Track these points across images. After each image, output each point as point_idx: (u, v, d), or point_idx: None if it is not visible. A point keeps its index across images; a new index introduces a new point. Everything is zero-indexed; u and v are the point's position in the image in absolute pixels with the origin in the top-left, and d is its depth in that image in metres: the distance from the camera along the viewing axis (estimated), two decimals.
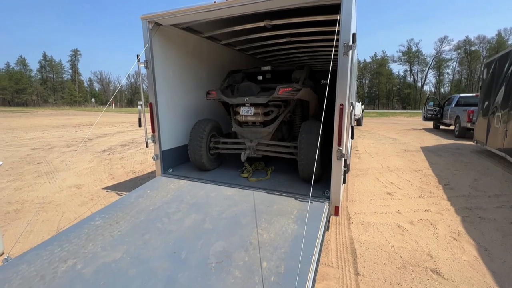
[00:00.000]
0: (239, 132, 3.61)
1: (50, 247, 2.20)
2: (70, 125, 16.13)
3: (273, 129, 3.42)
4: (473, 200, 3.98)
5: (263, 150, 3.51)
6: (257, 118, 3.39)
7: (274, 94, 3.15)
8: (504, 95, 6.03)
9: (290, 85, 3.16)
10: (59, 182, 4.95)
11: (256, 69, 4.25)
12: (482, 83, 7.63)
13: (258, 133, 3.48)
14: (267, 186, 3.12)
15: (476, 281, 2.22)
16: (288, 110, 3.57)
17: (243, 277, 1.81)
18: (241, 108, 3.44)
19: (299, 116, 3.90)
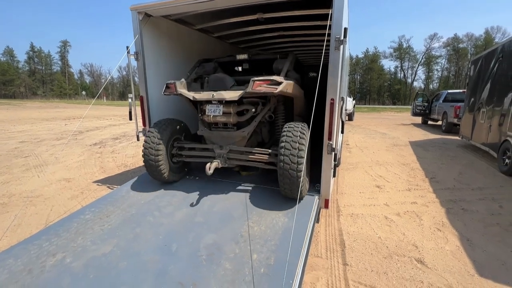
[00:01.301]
0: (207, 136, 2.96)
1: (38, 241, 2.17)
2: (60, 118, 15.73)
3: (249, 133, 2.80)
4: (458, 193, 4.12)
5: (237, 159, 2.81)
6: (228, 118, 2.73)
7: (247, 89, 2.51)
8: (489, 92, 6.20)
9: (268, 77, 2.50)
10: (48, 175, 4.86)
11: (231, 57, 3.54)
12: (469, 80, 7.81)
13: (230, 138, 2.83)
14: (258, 180, 3.15)
15: (458, 269, 2.32)
16: (268, 108, 2.96)
17: (234, 269, 1.84)
18: (208, 106, 2.77)
19: (282, 116, 3.25)
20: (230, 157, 2.79)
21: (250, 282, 1.72)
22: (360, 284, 2.12)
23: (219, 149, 2.81)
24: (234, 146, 2.80)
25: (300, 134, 2.41)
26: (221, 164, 2.74)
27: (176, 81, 2.86)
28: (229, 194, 2.82)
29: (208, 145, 2.94)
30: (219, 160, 2.72)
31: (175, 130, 3.06)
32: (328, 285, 2.11)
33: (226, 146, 2.80)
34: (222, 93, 2.63)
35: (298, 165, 2.31)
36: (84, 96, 56.76)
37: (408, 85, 58.44)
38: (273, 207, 2.53)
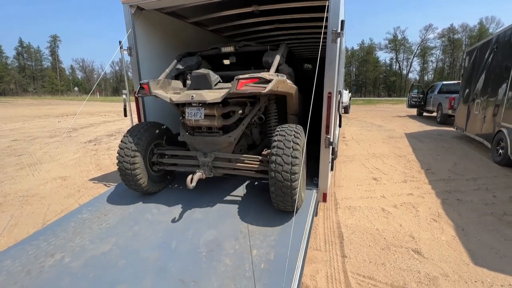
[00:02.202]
0: (189, 143, 2.62)
1: (36, 241, 2.15)
2: (53, 115, 15.48)
3: (236, 137, 2.47)
4: (452, 184, 4.18)
5: (223, 168, 2.52)
6: (211, 122, 2.39)
7: (231, 90, 2.18)
8: (484, 83, 6.25)
9: (254, 75, 2.17)
10: (43, 174, 4.80)
11: (215, 50, 3.12)
12: (464, 71, 7.85)
13: (215, 144, 2.51)
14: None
15: (454, 258, 2.37)
16: (258, 109, 2.67)
17: (234, 264, 1.85)
18: (188, 109, 2.42)
19: (274, 116, 2.96)
20: (215, 166, 2.49)
21: (250, 278, 1.73)
22: (359, 276, 2.16)
23: (203, 156, 2.49)
24: (220, 153, 2.48)
25: (294, 139, 2.13)
26: (206, 175, 2.40)
27: (151, 81, 2.53)
28: (227, 190, 2.81)
29: (190, 152, 2.62)
30: (202, 171, 2.39)
31: (155, 135, 2.72)
32: (327, 277, 2.14)
33: (211, 154, 2.48)
34: (202, 94, 2.24)
35: (292, 175, 2.02)
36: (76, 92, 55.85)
37: (403, 77, 58.61)
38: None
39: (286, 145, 2.09)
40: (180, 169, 2.70)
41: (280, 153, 2.07)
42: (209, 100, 2.22)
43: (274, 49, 2.88)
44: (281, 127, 2.28)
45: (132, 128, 2.65)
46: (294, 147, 2.08)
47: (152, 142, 2.70)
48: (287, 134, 2.16)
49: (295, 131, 2.21)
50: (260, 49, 2.97)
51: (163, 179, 2.89)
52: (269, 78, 2.18)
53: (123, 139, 2.55)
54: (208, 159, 2.47)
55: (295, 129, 2.24)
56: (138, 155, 2.52)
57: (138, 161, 2.51)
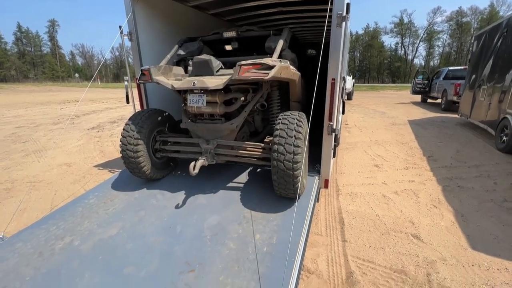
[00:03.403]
0: (192, 130, 2.61)
1: (45, 225, 2.22)
2: (55, 102, 15.48)
3: (238, 125, 2.46)
4: (454, 171, 4.20)
5: (226, 155, 2.53)
6: (214, 109, 2.38)
7: (233, 76, 2.14)
8: (491, 68, 6.11)
9: (257, 61, 2.13)
10: (48, 160, 4.87)
11: (217, 35, 3.05)
12: (471, 56, 7.66)
13: (217, 131, 2.50)
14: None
15: (452, 244, 2.42)
16: (260, 95, 2.66)
17: (238, 248, 1.90)
18: (189, 95, 2.41)
19: (277, 103, 2.94)
20: (218, 153, 2.50)
21: (253, 260, 1.79)
22: (358, 259, 2.22)
23: (206, 144, 2.49)
24: (222, 141, 2.48)
25: (296, 128, 2.10)
26: (208, 162, 2.44)
27: (152, 67, 2.50)
28: (230, 177, 2.85)
29: (193, 139, 2.61)
30: (205, 158, 2.41)
31: (157, 122, 2.71)
32: (328, 261, 2.20)
33: (213, 141, 2.48)
34: (204, 81, 2.22)
35: (294, 163, 2.03)
36: (77, 79, 55.47)
37: (408, 62, 57.34)
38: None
39: (288, 133, 2.07)
40: (182, 156, 2.70)
41: (282, 141, 2.06)
42: (211, 86, 2.19)
43: (277, 34, 2.80)
44: (284, 115, 2.25)
45: (134, 116, 2.64)
46: (296, 136, 2.07)
47: (154, 129, 2.69)
48: (289, 122, 2.14)
49: (297, 118, 2.18)
50: (263, 34, 2.90)
51: (166, 166, 2.91)
52: (271, 64, 2.14)
53: (125, 127, 2.54)
54: (210, 146, 2.47)
55: (297, 116, 2.21)
56: (141, 143, 2.52)
57: (141, 148, 2.52)
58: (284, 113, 2.30)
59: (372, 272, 2.07)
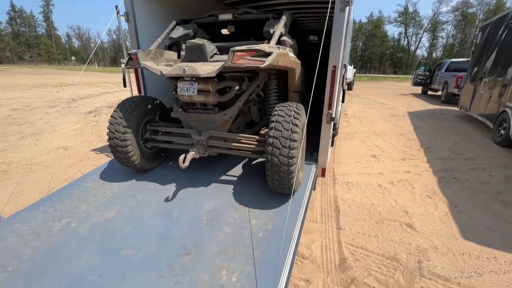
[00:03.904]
0: (183, 120, 2.46)
1: (43, 207, 2.23)
2: (51, 85, 15.23)
3: (232, 116, 2.31)
4: (451, 163, 4.23)
5: (218, 147, 2.41)
6: (206, 98, 2.21)
7: (226, 63, 1.96)
8: (494, 61, 6.05)
9: (253, 47, 1.96)
10: (45, 143, 4.84)
11: (212, 18, 2.86)
12: (475, 47, 7.55)
13: (209, 122, 2.35)
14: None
15: (444, 233, 2.47)
16: (256, 84, 2.48)
17: (234, 233, 1.93)
18: (180, 83, 2.25)
19: (274, 93, 2.75)
20: (210, 145, 2.37)
21: (249, 245, 1.82)
22: (352, 246, 2.26)
23: (197, 135, 2.36)
24: (215, 132, 2.35)
25: (293, 120, 1.97)
26: (200, 154, 2.31)
27: (140, 51, 2.32)
28: (228, 164, 2.85)
29: (184, 129, 2.47)
30: (196, 150, 2.27)
31: (147, 110, 2.56)
32: (322, 247, 2.25)
33: (205, 132, 2.35)
34: (195, 67, 2.05)
35: (289, 159, 1.92)
36: (74, 62, 54.40)
37: (411, 53, 56.61)
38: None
39: (284, 126, 1.96)
40: (173, 147, 2.59)
41: (277, 135, 1.94)
42: (202, 74, 2.02)
43: (277, 18, 2.62)
44: (280, 106, 2.12)
45: (122, 103, 2.48)
46: (293, 129, 1.95)
47: (144, 118, 2.56)
48: (286, 115, 2.01)
49: (294, 111, 2.05)
50: (261, 17, 2.70)
51: (157, 156, 2.79)
52: (268, 51, 1.97)
53: (113, 114, 2.40)
54: (202, 138, 2.34)
55: (295, 109, 2.07)
56: (129, 132, 2.40)
57: (129, 137, 2.41)
58: (280, 104, 2.16)
59: (365, 259, 2.11)
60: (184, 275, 1.60)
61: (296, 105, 2.13)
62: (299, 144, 1.97)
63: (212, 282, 1.55)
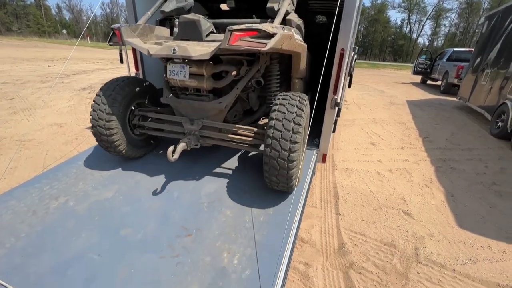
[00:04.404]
0: (174, 106, 2.21)
1: (39, 184, 2.18)
2: (42, 59, 14.64)
3: (228, 104, 2.07)
4: (448, 153, 4.26)
5: (212, 138, 2.20)
6: (199, 83, 1.97)
7: (222, 44, 1.68)
8: (498, 52, 5.97)
9: (253, 26, 1.70)
10: (38, 119, 4.70)
11: None
12: (479, 37, 7.43)
13: (203, 110, 2.12)
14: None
15: (440, 221, 2.51)
16: (257, 69, 2.20)
17: (234, 216, 1.92)
18: (170, 65, 2.00)
19: (276, 80, 2.47)
20: (203, 135, 2.16)
21: (250, 228, 1.81)
22: (350, 232, 2.29)
23: (189, 123, 2.13)
24: (209, 121, 2.11)
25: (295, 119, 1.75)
26: (191, 145, 2.10)
27: (124, 26, 2.02)
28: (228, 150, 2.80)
29: (175, 117, 2.24)
30: (188, 140, 2.07)
31: (134, 93, 2.31)
32: (321, 232, 2.27)
33: (198, 121, 2.12)
34: (187, 48, 1.78)
35: (289, 162, 1.74)
36: (65, 36, 52.17)
37: (412, 41, 55.80)
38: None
39: (285, 125, 1.73)
40: (164, 135, 2.39)
41: (277, 136, 1.73)
42: (195, 56, 1.76)
43: None
44: (282, 99, 1.87)
45: (105, 86, 2.21)
46: (294, 129, 1.72)
47: (132, 102, 2.31)
48: (287, 111, 1.78)
49: (297, 106, 1.81)
50: None
51: (147, 143, 2.56)
52: (271, 32, 1.70)
53: (96, 99, 2.14)
54: (194, 127, 2.12)
55: (297, 103, 1.82)
56: (114, 118, 2.17)
57: (114, 125, 2.18)
58: (282, 96, 1.91)
59: (363, 244, 2.14)
60: (185, 256, 1.60)
61: (299, 98, 1.88)
62: (300, 145, 1.79)
63: (213, 264, 1.55)
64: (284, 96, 1.88)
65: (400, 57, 53.98)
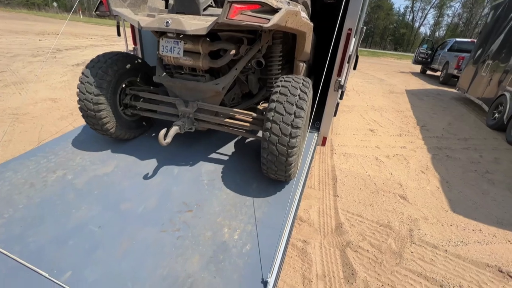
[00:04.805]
0: (167, 85, 2.05)
1: (35, 157, 2.13)
2: (32, 32, 14.02)
3: (225, 86, 1.93)
4: (444, 141, 4.31)
5: (208, 122, 2.07)
6: (195, 62, 1.80)
7: (220, 18, 1.50)
8: (500, 44, 5.92)
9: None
10: (31, 93, 4.56)
11: None
12: (483, 28, 7.33)
13: (198, 92, 1.97)
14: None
15: (435, 206, 2.57)
16: (257, 49, 2.03)
17: (235, 194, 1.92)
18: (162, 40, 1.83)
19: (278, 61, 2.29)
20: (198, 118, 2.02)
21: (250, 206, 1.82)
22: (348, 213, 2.33)
23: (184, 105, 1.98)
24: (205, 104, 1.96)
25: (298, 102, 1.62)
26: (185, 129, 1.96)
27: None
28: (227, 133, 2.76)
29: (168, 97, 2.08)
30: (181, 123, 1.92)
31: (125, 71, 2.15)
32: (319, 212, 2.30)
33: (193, 103, 1.96)
34: (181, 21, 1.61)
35: (289, 148, 1.63)
36: (56, 9, 49.87)
37: (414, 30, 55.01)
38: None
39: (286, 109, 1.62)
40: (157, 117, 2.24)
41: (278, 119, 1.62)
42: (190, 30, 1.58)
43: None
44: (284, 81, 1.74)
45: (96, 58, 2.04)
46: (296, 113, 1.61)
47: (123, 80, 2.16)
48: (290, 94, 1.66)
49: (301, 89, 1.69)
50: None
51: (138, 125, 2.42)
52: (276, 7, 1.52)
53: (84, 71, 1.99)
54: (189, 110, 1.97)
55: (301, 86, 1.70)
56: (103, 99, 2.03)
57: (103, 106, 2.03)
58: (285, 78, 1.78)
59: (360, 225, 2.19)
60: (186, 230, 1.61)
61: (302, 82, 1.75)
62: (301, 131, 1.67)
63: (214, 238, 1.57)
64: (286, 79, 1.77)
65: (401, 46, 53.39)
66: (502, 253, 2.05)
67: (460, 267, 1.89)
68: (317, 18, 3.24)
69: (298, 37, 2.12)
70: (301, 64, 2.44)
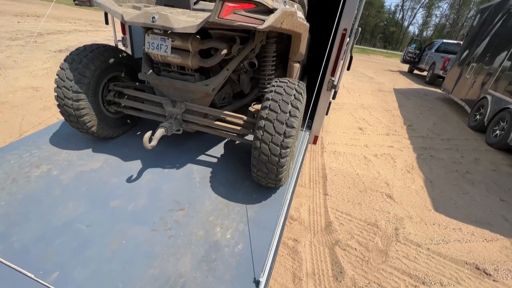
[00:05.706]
0: (154, 84, 1.94)
1: (17, 151, 2.04)
2: (9, 13, 13.17)
3: (216, 88, 1.83)
4: (429, 141, 4.46)
5: (196, 124, 1.96)
6: (184, 60, 1.70)
7: (211, 17, 1.40)
8: (485, 47, 6.12)
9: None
10: (10, 81, 4.31)
11: None
12: (469, 30, 7.54)
13: (187, 92, 1.86)
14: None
15: (419, 204, 2.67)
16: (251, 49, 1.95)
17: (227, 192, 1.92)
18: (148, 36, 1.70)
19: (271, 62, 2.21)
20: (186, 120, 1.91)
21: (243, 205, 1.82)
22: (337, 211, 2.39)
23: (171, 106, 1.87)
24: (193, 105, 1.85)
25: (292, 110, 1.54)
26: (172, 131, 1.85)
27: None
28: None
29: (155, 96, 1.95)
30: (167, 126, 1.80)
31: (108, 65, 1.99)
32: (309, 210, 2.34)
33: (181, 104, 1.85)
34: (169, 17, 1.49)
35: (281, 158, 1.56)
36: None
37: (403, 29, 55.97)
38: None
39: (281, 107, 1.54)
40: (142, 116, 2.11)
41: (272, 117, 1.53)
42: (178, 28, 1.47)
43: None
44: (276, 88, 1.63)
45: (71, 56, 1.86)
46: (292, 112, 1.54)
47: (105, 75, 2.01)
48: (285, 93, 1.59)
49: (296, 89, 1.63)
50: None
51: (122, 123, 2.29)
52: (271, 7, 1.43)
53: (59, 73, 1.82)
54: (176, 111, 1.86)
55: (295, 92, 1.61)
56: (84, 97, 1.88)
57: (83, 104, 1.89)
58: (278, 82, 1.68)
59: (349, 223, 2.25)
60: (178, 229, 1.59)
61: (296, 87, 1.66)
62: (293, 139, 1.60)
63: (206, 238, 1.56)
64: (282, 79, 1.72)
65: (390, 44, 54.27)
66: (479, 251, 2.17)
67: (441, 264, 1.99)
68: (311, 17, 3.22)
69: (293, 38, 2.04)
70: (296, 65, 2.38)
